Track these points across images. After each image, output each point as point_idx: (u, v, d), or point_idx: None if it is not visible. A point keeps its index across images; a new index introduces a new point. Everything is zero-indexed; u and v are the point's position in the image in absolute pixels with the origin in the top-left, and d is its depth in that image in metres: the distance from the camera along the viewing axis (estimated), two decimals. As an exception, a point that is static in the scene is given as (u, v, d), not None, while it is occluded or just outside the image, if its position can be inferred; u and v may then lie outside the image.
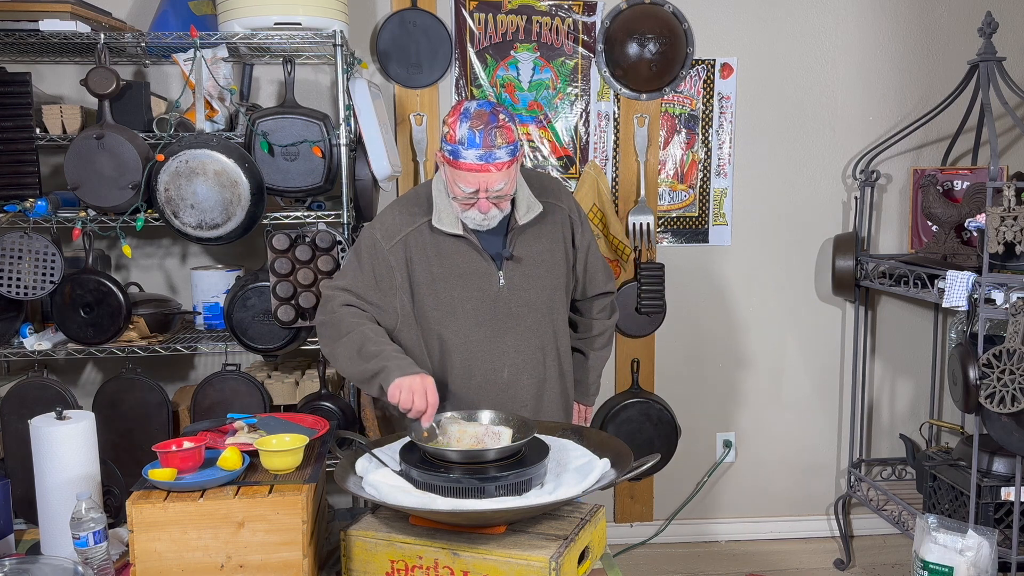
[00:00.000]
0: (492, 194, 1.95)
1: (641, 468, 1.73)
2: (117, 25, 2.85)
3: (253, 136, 2.70)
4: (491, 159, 1.91)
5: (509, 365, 2.12)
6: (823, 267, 3.57)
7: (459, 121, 1.91)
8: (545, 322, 2.15)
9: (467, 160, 1.91)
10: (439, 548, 1.59)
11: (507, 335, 2.11)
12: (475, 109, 1.92)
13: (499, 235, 2.09)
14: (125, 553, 1.77)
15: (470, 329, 2.09)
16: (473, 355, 2.10)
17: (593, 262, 2.26)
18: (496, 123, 1.91)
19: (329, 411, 2.79)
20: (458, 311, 2.08)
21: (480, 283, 2.08)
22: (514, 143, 1.94)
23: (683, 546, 3.63)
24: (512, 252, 2.08)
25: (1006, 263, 2.65)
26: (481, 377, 2.11)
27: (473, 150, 1.90)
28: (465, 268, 2.07)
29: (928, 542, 1.88)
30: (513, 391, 2.14)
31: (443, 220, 2.05)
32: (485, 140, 1.89)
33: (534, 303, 2.12)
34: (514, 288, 2.10)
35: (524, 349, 2.13)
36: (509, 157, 1.93)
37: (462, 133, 1.90)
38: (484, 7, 3.30)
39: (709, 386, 3.61)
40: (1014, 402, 2.53)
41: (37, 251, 2.65)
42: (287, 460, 1.73)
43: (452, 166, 1.94)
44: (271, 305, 2.70)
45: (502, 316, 2.10)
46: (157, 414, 2.77)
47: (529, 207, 2.09)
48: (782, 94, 3.48)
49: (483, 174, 1.92)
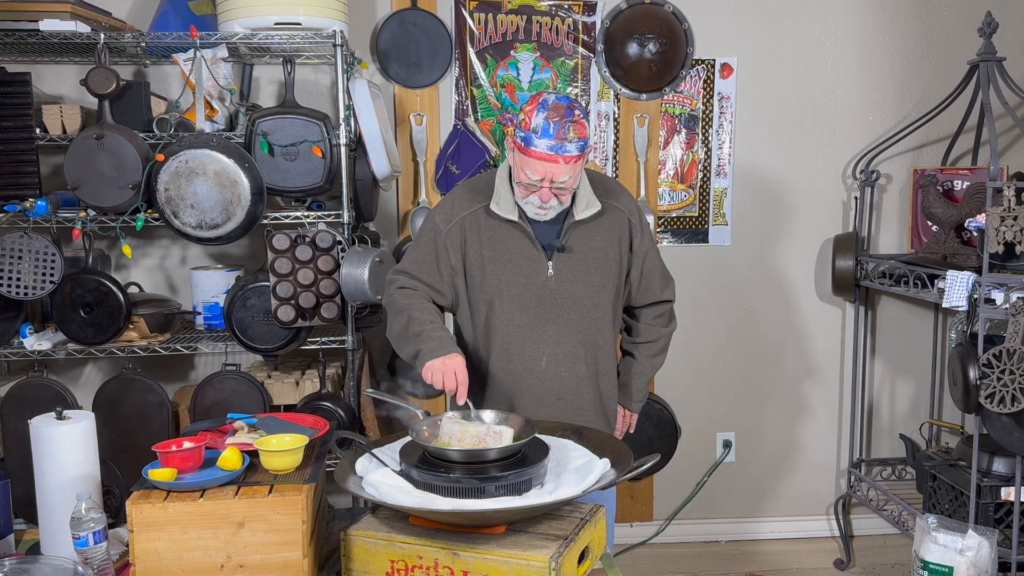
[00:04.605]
0: (556, 185, 2.00)
1: (641, 468, 1.73)
2: (117, 25, 2.85)
3: (253, 136, 2.70)
4: (561, 151, 1.95)
5: (548, 355, 2.14)
6: (823, 267, 3.57)
7: (536, 110, 1.96)
8: (589, 319, 2.16)
9: (538, 149, 1.96)
10: (439, 548, 1.59)
11: (549, 325, 2.13)
12: (553, 101, 1.97)
13: (555, 227, 2.12)
14: (125, 553, 1.77)
15: (514, 313, 2.13)
16: (513, 339, 2.13)
17: (650, 269, 2.26)
18: (571, 118, 1.95)
19: (329, 411, 2.79)
20: (504, 294, 2.12)
21: (529, 270, 2.11)
22: (585, 139, 1.98)
23: (683, 546, 3.63)
24: (564, 244, 2.11)
25: (1006, 263, 2.65)
26: (519, 363, 2.14)
27: (546, 140, 1.95)
28: (516, 254, 2.11)
29: (928, 542, 1.88)
30: (550, 383, 2.15)
31: (501, 205, 2.11)
32: (559, 132, 1.94)
33: (580, 297, 2.14)
34: (562, 280, 2.12)
35: (564, 341, 2.14)
36: (578, 152, 1.98)
37: (537, 122, 1.95)
38: (484, 7, 3.30)
39: (709, 386, 3.61)
40: (1014, 402, 2.53)
41: (37, 251, 2.66)
42: (287, 460, 1.73)
43: (523, 152, 1.99)
44: (271, 305, 2.70)
45: (547, 306, 2.13)
46: (157, 414, 2.77)
47: (588, 204, 2.13)
48: (782, 94, 3.48)
49: (551, 164, 1.96)
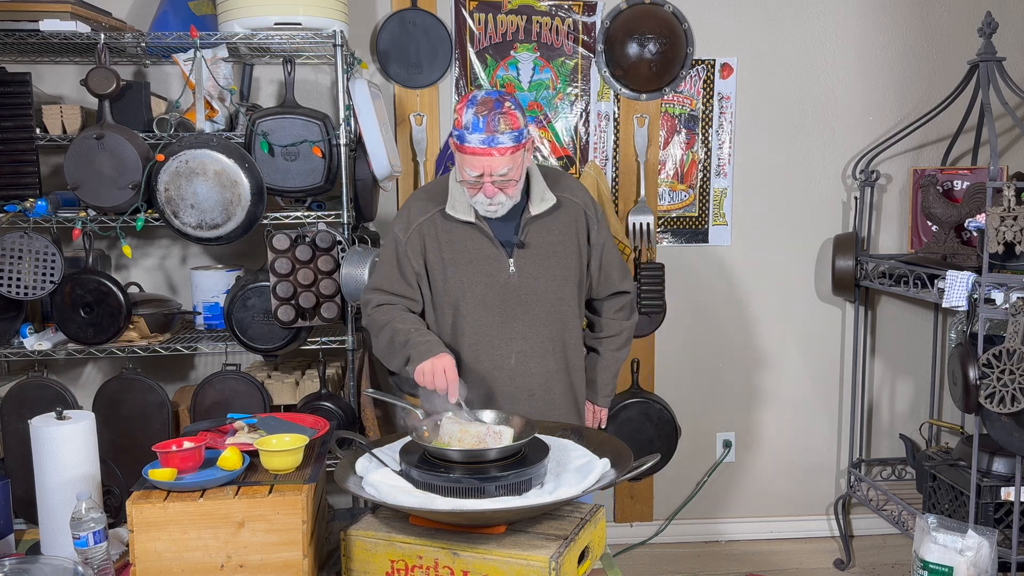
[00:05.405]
0: (496, 178, 2.01)
1: (641, 468, 1.73)
2: (117, 25, 2.85)
3: (253, 136, 2.70)
4: (494, 143, 1.96)
5: (516, 352, 2.15)
6: (823, 267, 3.57)
7: (466, 107, 1.99)
8: (554, 312, 2.18)
9: (471, 144, 1.98)
10: (439, 548, 1.59)
11: (515, 322, 2.15)
12: (482, 97, 1.99)
13: (512, 224, 2.14)
14: (125, 553, 1.77)
15: (479, 313, 2.14)
16: (481, 339, 2.15)
17: (608, 260, 2.28)
18: (500, 109, 1.97)
19: (329, 411, 2.79)
20: (468, 295, 2.13)
21: (490, 269, 2.13)
22: (519, 130, 1.99)
23: (683, 546, 3.63)
24: (523, 240, 2.13)
25: (1006, 263, 2.65)
26: (489, 362, 2.15)
27: (477, 134, 1.97)
28: (476, 254, 2.13)
29: (928, 542, 1.87)
30: (521, 379, 2.17)
31: (456, 208, 2.12)
32: (488, 125, 1.96)
33: (543, 292, 2.16)
34: (524, 276, 2.14)
35: (532, 337, 2.16)
36: (512, 143, 1.98)
37: (467, 118, 1.97)
38: (484, 7, 3.30)
39: (709, 386, 3.61)
40: (1014, 402, 2.53)
41: (37, 251, 2.66)
42: (287, 460, 1.73)
43: (459, 151, 2.02)
44: (271, 305, 2.70)
45: (511, 303, 2.14)
46: (157, 414, 2.77)
47: (543, 198, 2.15)
48: (782, 94, 3.48)
49: (486, 158, 1.98)
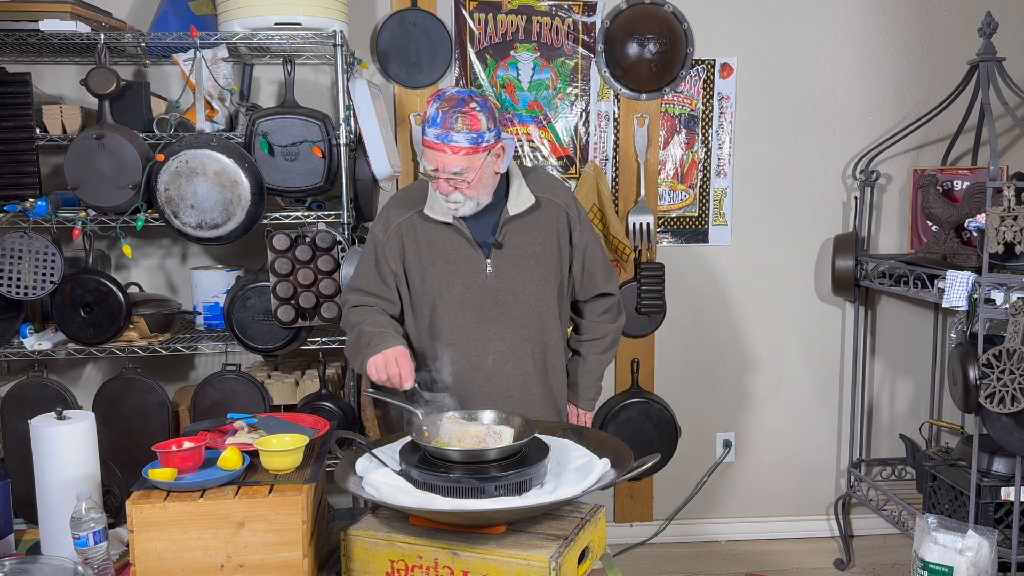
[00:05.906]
0: (450, 176, 2.01)
1: (641, 468, 1.73)
2: (117, 25, 2.85)
3: (253, 136, 2.70)
4: (447, 140, 1.98)
5: (494, 353, 2.15)
6: (823, 267, 3.57)
7: (433, 101, 2.01)
8: (532, 314, 2.17)
9: (428, 137, 2.01)
10: (439, 548, 1.59)
11: (493, 322, 2.15)
12: (450, 94, 2.00)
13: (491, 224, 2.14)
14: (125, 553, 1.77)
15: (457, 314, 2.14)
16: (459, 340, 2.14)
17: (592, 261, 2.26)
18: (461, 108, 1.97)
19: (329, 411, 2.79)
20: (445, 295, 2.14)
21: (467, 269, 2.13)
22: (478, 132, 1.98)
23: (683, 546, 3.63)
24: (499, 240, 2.12)
25: (1006, 263, 2.65)
26: (466, 363, 2.14)
27: (434, 128, 1.99)
28: (453, 254, 2.13)
29: (928, 542, 1.87)
30: (498, 380, 2.16)
31: (435, 208, 2.14)
32: (445, 121, 1.97)
33: (521, 293, 2.15)
34: (502, 276, 2.13)
35: (509, 338, 2.15)
36: (468, 144, 1.98)
37: (430, 112, 2.00)
38: (484, 7, 3.30)
39: (709, 386, 3.61)
40: (1014, 402, 2.53)
41: (37, 251, 2.66)
42: (287, 460, 1.73)
43: (423, 143, 2.04)
44: (271, 305, 2.70)
45: (489, 303, 2.14)
46: (157, 414, 2.77)
47: (521, 199, 2.14)
48: (782, 94, 3.48)
49: (439, 153, 1.99)
